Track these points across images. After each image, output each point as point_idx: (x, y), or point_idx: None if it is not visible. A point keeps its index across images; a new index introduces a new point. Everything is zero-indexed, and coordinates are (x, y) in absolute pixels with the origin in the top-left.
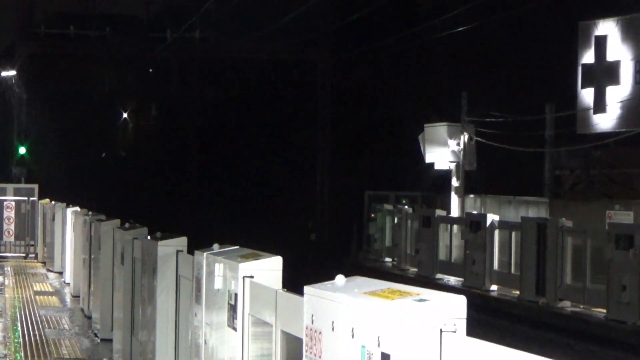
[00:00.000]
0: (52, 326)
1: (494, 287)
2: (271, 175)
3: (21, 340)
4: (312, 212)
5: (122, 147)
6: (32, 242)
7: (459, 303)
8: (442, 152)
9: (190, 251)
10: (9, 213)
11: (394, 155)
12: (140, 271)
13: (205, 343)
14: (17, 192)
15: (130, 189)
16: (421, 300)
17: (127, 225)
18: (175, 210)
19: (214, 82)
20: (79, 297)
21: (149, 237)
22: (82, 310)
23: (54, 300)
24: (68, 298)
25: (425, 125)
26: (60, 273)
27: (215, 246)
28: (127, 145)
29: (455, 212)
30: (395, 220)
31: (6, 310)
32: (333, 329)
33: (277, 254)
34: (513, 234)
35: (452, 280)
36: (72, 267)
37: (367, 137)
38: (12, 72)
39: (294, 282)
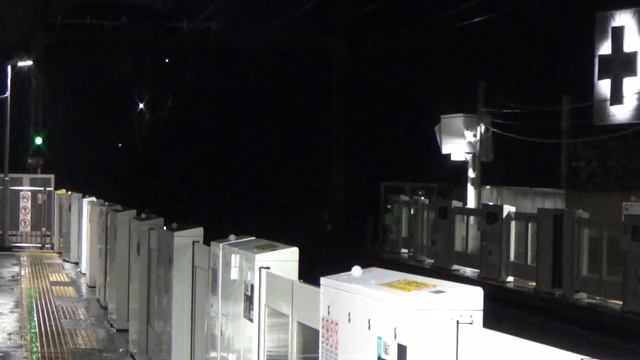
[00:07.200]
0: (68, 316)
1: (510, 279)
2: (286, 165)
3: (37, 330)
4: (327, 203)
5: (138, 138)
6: (48, 233)
7: (476, 295)
8: (459, 143)
9: (207, 242)
10: (25, 203)
11: (410, 146)
12: (156, 262)
13: (221, 334)
14: (33, 183)
15: (146, 180)
16: (438, 291)
17: (143, 215)
18: (191, 201)
19: (230, 72)
20: (95, 287)
21: (165, 228)
22: (98, 300)
23: (70, 290)
24: (84, 288)
25: (442, 116)
26: (76, 263)
27: (232, 237)
28: (143, 135)
29: (471, 203)
30: (412, 211)
31: (22, 301)
32: (349, 320)
33: (292, 244)
34: (529, 225)
35: (468, 271)
36: (88, 258)
37: (382, 128)
38: (29, 62)
39: (310, 273)
